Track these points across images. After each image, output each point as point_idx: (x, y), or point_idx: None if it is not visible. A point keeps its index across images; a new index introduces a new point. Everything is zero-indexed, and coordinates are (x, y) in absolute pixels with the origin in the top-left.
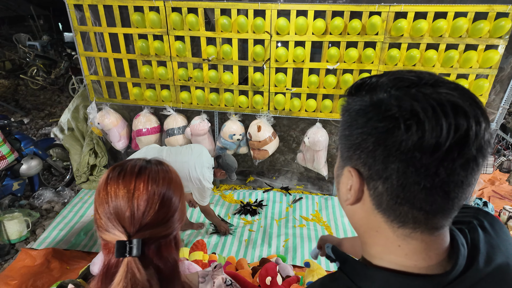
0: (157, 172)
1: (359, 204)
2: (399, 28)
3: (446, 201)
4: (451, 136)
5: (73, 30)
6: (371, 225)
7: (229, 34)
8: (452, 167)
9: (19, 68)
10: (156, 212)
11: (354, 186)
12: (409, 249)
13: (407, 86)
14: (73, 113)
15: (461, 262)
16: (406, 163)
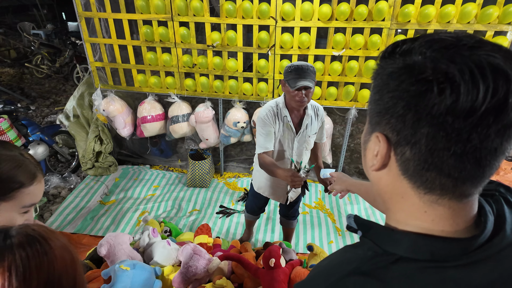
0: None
1: (385, 170)
2: (406, 13)
3: (477, 168)
4: (488, 100)
5: (78, 16)
6: (396, 191)
7: (234, 20)
8: (486, 133)
9: (24, 56)
10: None
11: (381, 152)
12: (436, 215)
13: (444, 47)
14: (78, 100)
15: (489, 228)
16: (437, 128)
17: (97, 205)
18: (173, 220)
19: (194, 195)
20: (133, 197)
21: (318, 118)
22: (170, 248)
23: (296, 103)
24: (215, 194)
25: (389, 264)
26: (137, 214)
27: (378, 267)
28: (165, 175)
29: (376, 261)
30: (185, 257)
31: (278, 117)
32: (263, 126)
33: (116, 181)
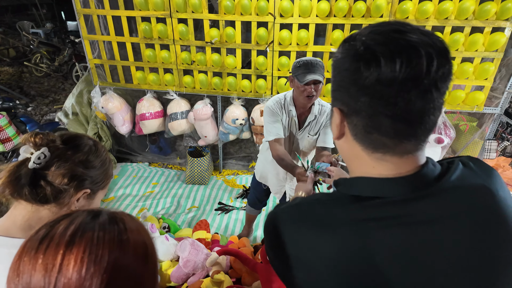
0: (102, 240)
1: (344, 138)
2: (404, 10)
3: (408, 127)
4: (404, 70)
5: (76, 13)
6: (353, 153)
7: (232, 16)
8: (408, 97)
9: (23, 55)
10: None
11: (336, 122)
12: (382, 169)
13: (376, 33)
14: (77, 98)
15: (428, 173)
16: (371, 96)
17: None
18: (172, 216)
19: (193, 192)
20: (132, 194)
21: (321, 118)
22: (168, 244)
23: (304, 99)
24: (214, 191)
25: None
26: (136, 211)
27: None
28: (164, 172)
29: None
30: (184, 252)
31: (284, 109)
32: (271, 115)
33: (115, 178)
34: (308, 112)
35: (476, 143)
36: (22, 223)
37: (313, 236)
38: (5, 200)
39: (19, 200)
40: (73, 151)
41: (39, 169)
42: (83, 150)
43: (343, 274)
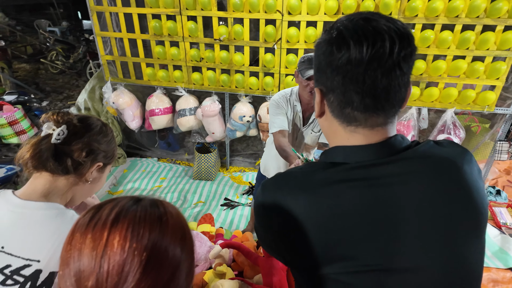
0: (143, 218)
1: (324, 116)
2: (413, 8)
3: (376, 102)
4: (370, 51)
5: (90, 10)
6: (331, 129)
7: (241, 14)
8: (374, 75)
9: (39, 52)
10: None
11: (317, 101)
12: (354, 140)
13: (349, 20)
14: (90, 94)
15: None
16: (343, 76)
17: (105, 195)
18: None
19: (200, 187)
20: (140, 188)
21: None
22: None
23: (307, 94)
24: (220, 187)
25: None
26: None
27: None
28: (172, 167)
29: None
30: None
31: (289, 104)
32: (276, 108)
33: (124, 172)
34: (313, 109)
35: (487, 144)
36: (43, 190)
37: (293, 198)
38: (28, 173)
39: (41, 172)
40: (87, 129)
41: (59, 144)
42: (96, 129)
43: (322, 230)
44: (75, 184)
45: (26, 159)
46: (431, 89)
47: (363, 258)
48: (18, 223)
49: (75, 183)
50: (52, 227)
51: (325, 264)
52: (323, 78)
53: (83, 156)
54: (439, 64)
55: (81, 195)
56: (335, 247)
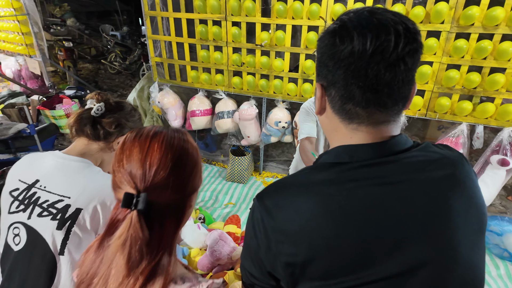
0: (172, 138)
1: (325, 113)
2: (469, 16)
3: (378, 97)
4: (373, 44)
5: (144, 14)
6: (332, 127)
7: (284, 20)
8: (377, 69)
9: (101, 54)
10: (166, 175)
11: (318, 96)
12: (357, 138)
13: (354, 13)
14: (139, 93)
15: (401, 140)
16: (345, 68)
17: None
18: (208, 209)
19: (232, 189)
20: None
21: None
22: (199, 232)
23: None
24: (252, 190)
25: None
26: None
27: (312, 167)
28: (207, 167)
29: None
30: (211, 241)
31: None
32: (305, 114)
33: None
34: None
35: None
36: (79, 150)
37: (292, 199)
38: (72, 137)
39: (80, 137)
40: (119, 108)
41: (97, 117)
42: (126, 110)
43: (325, 230)
44: (103, 151)
45: (71, 123)
46: (486, 105)
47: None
48: (57, 169)
49: (103, 149)
50: (82, 174)
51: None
52: (324, 71)
53: (113, 128)
54: (497, 78)
55: (107, 162)
56: (346, 252)
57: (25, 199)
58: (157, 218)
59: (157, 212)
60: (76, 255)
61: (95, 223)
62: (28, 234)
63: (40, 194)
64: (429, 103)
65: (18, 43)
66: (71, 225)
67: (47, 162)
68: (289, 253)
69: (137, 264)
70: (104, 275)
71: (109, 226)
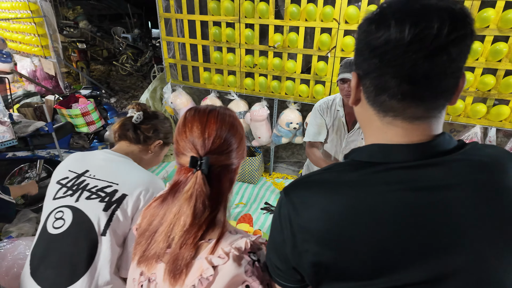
0: (224, 114)
1: (359, 104)
2: (484, 18)
3: (415, 89)
4: (412, 32)
5: (159, 16)
6: (367, 119)
7: (297, 22)
8: (415, 58)
9: (113, 56)
10: (221, 142)
11: (352, 85)
12: (392, 134)
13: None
14: (151, 93)
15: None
16: (380, 57)
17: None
18: None
19: (242, 189)
20: None
21: None
22: None
23: (343, 96)
24: (262, 191)
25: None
26: None
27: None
28: None
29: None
30: None
31: (331, 110)
32: (314, 116)
33: (175, 168)
34: None
35: None
36: (123, 151)
37: (320, 198)
38: (115, 141)
39: (123, 140)
40: (155, 117)
41: (137, 124)
42: (160, 118)
43: (351, 233)
44: (142, 153)
45: (115, 129)
46: (501, 107)
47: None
48: (107, 161)
49: (142, 151)
50: (128, 167)
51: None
52: (360, 60)
53: (150, 133)
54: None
55: (146, 163)
56: (372, 256)
57: (74, 185)
58: (215, 177)
59: (215, 172)
60: (115, 238)
61: (135, 209)
62: (74, 215)
63: (89, 182)
64: None
65: (34, 44)
66: (116, 208)
67: (97, 156)
68: (314, 252)
69: (200, 214)
70: (171, 223)
71: (172, 186)
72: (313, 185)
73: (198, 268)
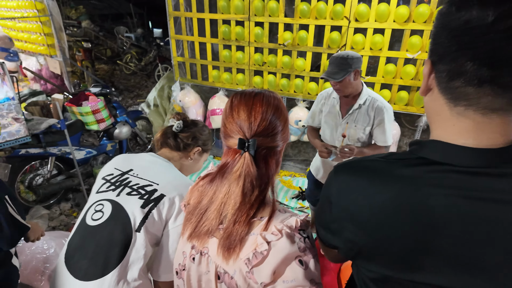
0: (269, 97)
1: (430, 93)
2: None
3: (496, 74)
4: (496, 11)
5: (168, 14)
6: (435, 109)
7: (307, 20)
8: (497, 38)
9: (117, 55)
10: (267, 125)
11: (424, 72)
12: (461, 127)
13: None
14: (159, 92)
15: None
16: (458, 39)
17: None
18: None
19: None
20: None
21: (370, 110)
22: None
23: (335, 90)
24: None
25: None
26: None
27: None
28: None
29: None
30: None
31: (329, 98)
32: (315, 105)
33: None
34: (354, 101)
35: None
36: (164, 156)
37: (366, 185)
38: (158, 148)
39: (164, 148)
40: (194, 125)
41: (177, 132)
42: (199, 126)
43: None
44: (182, 159)
45: (157, 138)
46: None
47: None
48: (150, 163)
49: (182, 158)
50: (170, 170)
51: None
52: (435, 45)
53: (190, 140)
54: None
55: (186, 169)
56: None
57: (117, 181)
58: (262, 158)
59: (261, 154)
60: (148, 236)
61: (170, 212)
62: (113, 209)
63: (131, 179)
64: None
65: (39, 43)
66: (153, 207)
67: (142, 158)
68: (351, 231)
69: (249, 193)
70: (222, 202)
71: (221, 167)
72: (363, 170)
73: (252, 243)
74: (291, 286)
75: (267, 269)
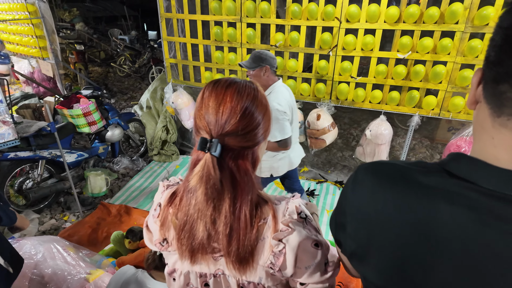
0: (244, 87)
1: (477, 106)
2: (484, 16)
3: None
4: None
5: (160, 16)
6: (480, 121)
7: (299, 21)
8: None
9: (110, 57)
10: (237, 122)
11: (473, 82)
12: (500, 140)
13: None
14: (152, 94)
15: None
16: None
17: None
18: None
19: None
20: None
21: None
22: None
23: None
24: (263, 190)
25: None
26: None
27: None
28: None
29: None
30: None
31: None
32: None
33: (176, 168)
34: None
35: None
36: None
37: (385, 191)
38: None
39: None
40: None
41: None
42: None
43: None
44: None
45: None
46: None
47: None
48: None
49: None
50: None
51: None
52: (489, 47)
53: None
54: None
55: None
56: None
57: None
58: (231, 160)
59: (229, 155)
60: None
61: None
62: None
63: None
64: (443, 102)
65: (31, 46)
66: None
67: None
68: (354, 228)
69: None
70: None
71: (191, 165)
72: (384, 174)
73: (267, 247)
74: (312, 269)
75: (289, 264)
